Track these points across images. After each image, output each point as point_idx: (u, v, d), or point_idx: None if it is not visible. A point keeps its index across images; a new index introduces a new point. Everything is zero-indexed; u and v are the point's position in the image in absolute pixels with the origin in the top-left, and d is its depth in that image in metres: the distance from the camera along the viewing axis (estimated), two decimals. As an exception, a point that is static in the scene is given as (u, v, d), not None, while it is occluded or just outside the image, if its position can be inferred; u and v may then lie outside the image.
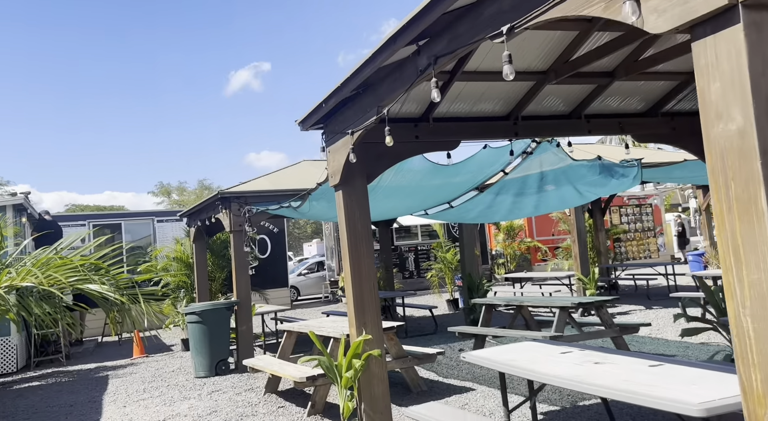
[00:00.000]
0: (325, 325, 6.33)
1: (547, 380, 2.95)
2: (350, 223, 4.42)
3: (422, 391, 6.03)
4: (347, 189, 4.43)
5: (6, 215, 10.60)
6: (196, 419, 5.87)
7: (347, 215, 4.41)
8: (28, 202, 11.59)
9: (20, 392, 8.14)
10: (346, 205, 4.42)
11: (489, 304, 7.60)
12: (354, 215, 4.43)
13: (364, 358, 4.18)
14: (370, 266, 4.43)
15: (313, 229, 50.30)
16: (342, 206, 4.43)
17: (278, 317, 10.50)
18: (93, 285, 4.01)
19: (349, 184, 4.42)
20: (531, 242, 19.56)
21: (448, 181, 5.68)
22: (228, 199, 8.50)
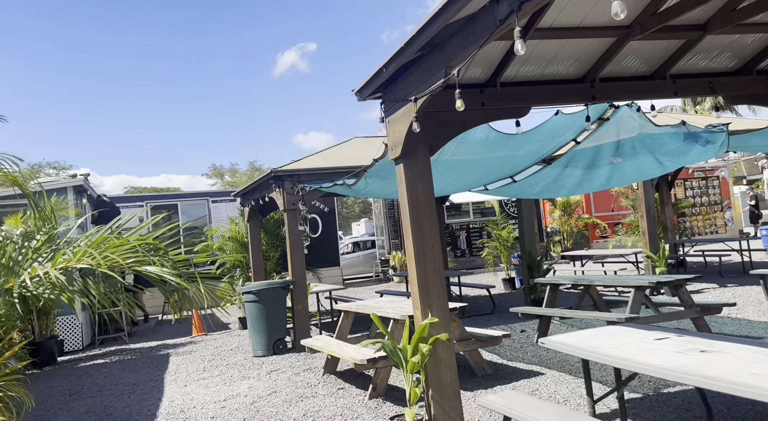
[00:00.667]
0: (383, 305, 6.11)
1: (649, 371, 2.59)
2: (413, 198, 4.12)
3: (487, 374, 5.75)
4: (409, 162, 4.13)
5: (67, 197, 10.87)
6: (256, 399, 5.80)
7: (409, 189, 4.11)
8: (88, 183, 11.87)
9: (85, 370, 8.36)
10: (408, 179, 4.12)
11: (554, 283, 7.18)
12: (416, 189, 4.13)
13: (431, 342, 3.91)
14: (435, 244, 4.13)
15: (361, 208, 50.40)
16: (404, 181, 4.13)
17: (333, 296, 10.41)
18: (151, 267, 3.88)
19: (411, 156, 4.12)
20: (589, 218, 18.76)
21: (513, 153, 5.28)
22: (281, 178, 8.36)
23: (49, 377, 8.10)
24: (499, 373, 5.83)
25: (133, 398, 6.34)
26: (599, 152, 5.47)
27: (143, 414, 5.63)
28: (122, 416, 5.66)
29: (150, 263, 3.83)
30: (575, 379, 5.35)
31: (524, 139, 4.87)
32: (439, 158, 5.09)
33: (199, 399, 6.03)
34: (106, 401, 6.29)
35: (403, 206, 4.20)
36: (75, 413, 5.90)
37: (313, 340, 6.50)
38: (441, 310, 4.05)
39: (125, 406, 6.03)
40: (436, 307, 4.04)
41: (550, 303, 7.21)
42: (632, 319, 5.67)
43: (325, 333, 9.38)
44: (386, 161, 5.84)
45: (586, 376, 3.49)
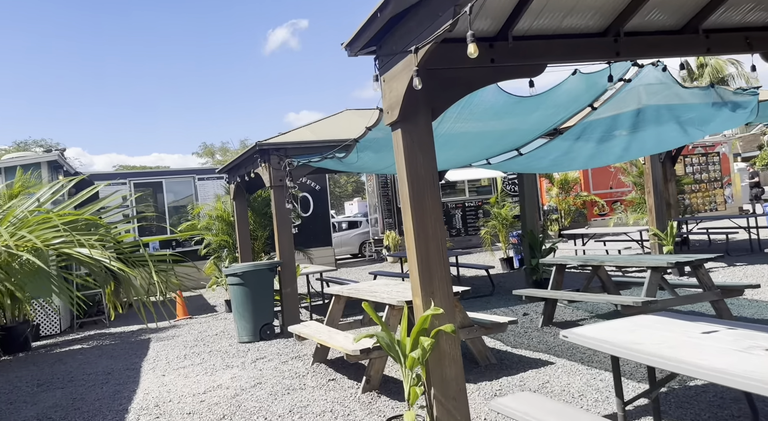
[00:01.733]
0: (377, 289, 5.59)
1: (714, 379, 2.09)
2: (412, 169, 3.57)
3: (491, 364, 5.27)
4: (408, 127, 3.56)
5: (41, 173, 10.23)
6: (238, 392, 5.30)
7: (408, 159, 3.56)
8: (63, 159, 11.20)
9: (60, 357, 7.84)
10: (406, 147, 3.56)
11: (561, 264, 6.69)
12: (416, 159, 3.57)
13: (434, 334, 3.40)
14: (437, 222, 3.59)
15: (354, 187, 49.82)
16: (402, 149, 3.57)
17: (324, 277, 9.89)
18: (83, 249, 3.28)
19: (411, 120, 3.55)
20: (587, 196, 18.30)
21: (521, 120, 4.72)
22: (267, 152, 7.76)
23: (19, 364, 7.58)
24: (503, 362, 5.36)
25: (105, 390, 5.83)
26: (617, 120, 4.91)
27: (114, 409, 5.13)
28: (91, 410, 5.15)
29: (84, 244, 3.23)
30: (588, 369, 4.88)
31: (537, 103, 4.31)
32: (437, 129, 4.54)
33: (176, 391, 5.53)
34: (76, 393, 5.78)
35: (401, 178, 3.65)
36: (40, 407, 5.38)
37: (301, 326, 6.00)
38: (445, 297, 3.53)
39: (96, 398, 5.52)
40: (439, 294, 3.52)
41: (557, 285, 6.73)
42: (649, 303, 5.20)
43: (316, 317, 8.89)
44: (380, 133, 5.28)
45: (615, 374, 2.99)
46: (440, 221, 3.61)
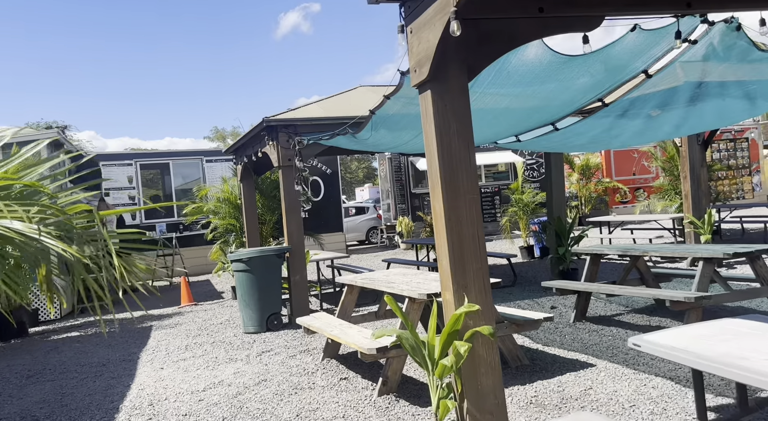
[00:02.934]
0: (395, 280, 5.04)
1: None
2: (443, 140, 2.98)
3: (522, 365, 4.71)
4: (440, 88, 2.97)
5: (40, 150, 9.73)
6: (241, 390, 4.80)
7: (439, 127, 2.97)
8: (65, 137, 10.72)
9: (56, 345, 7.40)
10: (437, 112, 2.97)
11: (596, 253, 6.09)
12: (449, 127, 2.98)
13: (469, 337, 2.83)
14: (473, 204, 3.01)
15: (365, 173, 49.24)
16: (431, 115, 2.99)
17: (335, 265, 9.36)
18: (17, 222, 2.72)
19: (443, 79, 2.96)
20: (609, 182, 17.56)
21: (564, 87, 4.11)
22: (275, 129, 7.19)
23: (12, 352, 7.15)
24: (536, 362, 4.79)
25: (98, 384, 5.36)
26: (676, 90, 4.27)
27: (103, 407, 4.65)
28: (79, 408, 4.67)
29: (6, 215, 2.63)
30: (635, 373, 4.31)
31: (585, 66, 3.69)
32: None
33: (174, 388, 5.04)
34: (66, 387, 5.32)
35: (429, 151, 3.07)
36: (26, 403, 4.92)
37: (310, 318, 5.47)
38: (481, 292, 2.96)
39: (86, 394, 5.05)
40: (474, 288, 2.95)
41: (591, 276, 6.14)
42: (702, 298, 4.59)
43: (327, 306, 8.38)
44: (397, 104, 4.68)
45: (698, 394, 2.42)
46: (477, 202, 3.03)
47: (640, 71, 4.04)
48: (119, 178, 15.27)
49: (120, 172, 15.24)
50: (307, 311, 7.29)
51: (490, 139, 6.44)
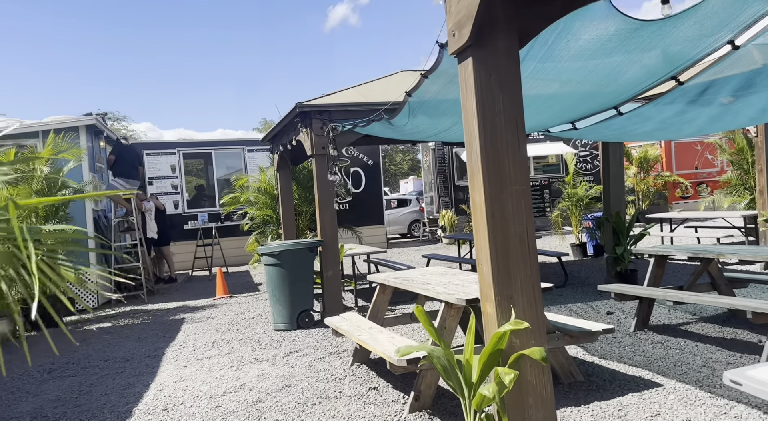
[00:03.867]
0: (431, 280, 4.53)
1: None
2: (485, 118, 2.46)
3: (576, 382, 4.12)
4: (482, 54, 2.44)
5: (78, 137, 9.70)
6: (262, 396, 4.42)
7: (481, 101, 2.44)
8: (104, 124, 10.65)
9: (86, 336, 7.27)
10: (479, 83, 2.44)
11: (662, 254, 5.39)
12: (494, 101, 2.45)
13: (514, 360, 2.31)
14: (523, 196, 2.48)
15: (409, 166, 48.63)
16: (471, 86, 2.46)
17: (372, 259, 8.91)
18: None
19: (487, 44, 2.42)
20: (669, 176, 16.41)
21: (634, 60, 3.48)
22: (308, 115, 6.78)
23: (42, 342, 7.05)
24: (592, 379, 4.20)
25: (117, 382, 5.10)
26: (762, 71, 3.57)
27: (116, 409, 4.35)
28: (92, 409, 4.40)
29: None
30: (712, 397, 3.66)
31: (662, 33, 3.06)
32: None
33: (192, 390, 4.71)
34: (85, 384, 5.08)
35: (468, 131, 2.54)
36: (41, 400, 4.70)
37: (339, 320, 5.03)
38: (531, 305, 2.43)
39: (103, 393, 4.78)
40: (522, 300, 2.42)
41: (655, 280, 5.46)
42: (795, 313, 3.88)
43: (362, 303, 7.96)
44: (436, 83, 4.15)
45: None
46: (526, 195, 2.49)
47: (725, 41, 3.36)
48: (163, 167, 15.30)
49: (164, 162, 15.27)
50: (340, 308, 6.88)
51: (541, 126, 5.81)
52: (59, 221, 8.23)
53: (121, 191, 10.32)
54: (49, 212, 8.13)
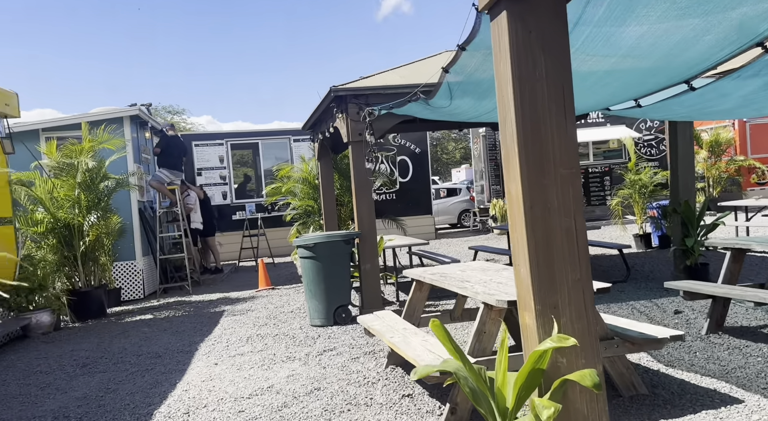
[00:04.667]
0: (471, 276, 4.08)
1: None
2: (522, 86, 1.99)
3: (638, 395, 3.58)
4: (519, 8, 1.97)
5: (123, 128, 9.74)
6: (289, 400, 4.11)
7: (517, 65, 1.98)
8: (148, 114, 10.68)
9: (126, 328, 7.23)
10: (514, 43, 1.98)
11: (739, 248, 4.71)
12: (533, 66, 1.98)
13: (558, 386, 1.85)
14: (570, 182, 2.00)
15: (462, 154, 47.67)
16: (505, 48, 2.00)
17: (414, 251, 8.49)
18: None
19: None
20: (744, 160, 15.08)
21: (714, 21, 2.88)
22: (344, 100, 6.41)
23: (83, 334, 7.06)
24: (658, 392, 3.64)
25: (146, 379, 4.94)
26: None
27: (137, 412, 4.15)
28: (114, 410, 4.22)
29: None
30: (808, 424, 3.05)
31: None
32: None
33: (219, 391, 4.47)
34: (113, 381, 4.94)
35: (502, 104, 2.08)
36: (68, 398, 4.57)
37: (372, 318, 4.66)
38: (580, 316, 1.96)
39: (129, 392, 4.62)
40: (569, 310, 1.95)
41: (731, 277, 4.79)
42: None
43: (403, 297, 7.57)
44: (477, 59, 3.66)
45: None
46: (575, 180, 2.01)
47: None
48: (211, 158, 15.39)
49: (212, 152, 15.36)
50: (379, 303, 6.52)
51: (598, 105, 5.19)
52: (102, 212, 8.26)
53: None
54: (92, 203, 8.15)
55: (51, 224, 7.91)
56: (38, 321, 6.96)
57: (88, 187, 8.15)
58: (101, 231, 8.34)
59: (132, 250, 9.65)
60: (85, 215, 8.02)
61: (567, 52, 2.03)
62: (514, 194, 2.05)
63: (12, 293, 6.83)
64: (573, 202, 2.00)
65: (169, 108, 40.42)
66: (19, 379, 5.21)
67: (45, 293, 7.15)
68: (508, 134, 2.05)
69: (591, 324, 1.99)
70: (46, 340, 6.82)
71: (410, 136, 15.53)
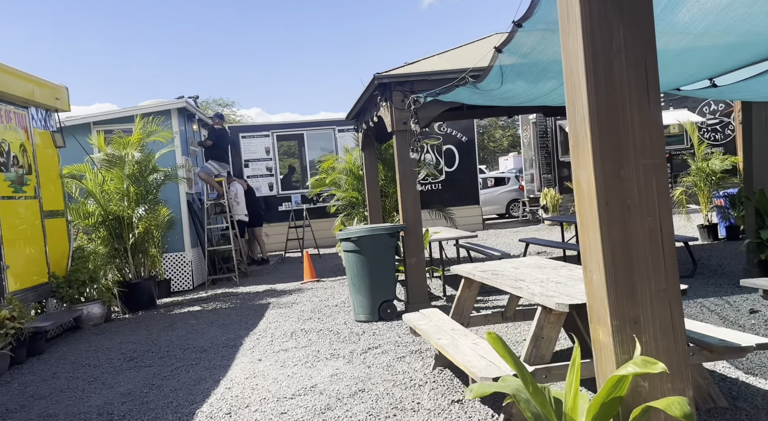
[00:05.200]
0: (526, 274, 3.77)
1: None
2: (596, 60, 1.68)
3: (716, 408, 3.21)
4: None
5: (170, 120, 9.80)
6: (332, 402, 3.94)
7: (590, 34, 1.68)
8: (195, 106, 10.73)
9: (173, 320, 7.27)
10: (587, 11, 1.67)
11: (831, 244, 4.20)
12: (609, 35, 1.68)
13: (638, 415, 1.56)
14: (655, 174, 1.69)
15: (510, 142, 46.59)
16: (576, 17, 1.69)
17: (461, 244, 8.19)
18: None
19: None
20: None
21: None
22: (387, 87, 6.15)
23: (133, 326, 7.13)
24: (739, 405, 3.26)
25: (190, 375, 4.88)
26: None
27: (180, 411, 4.07)
28: (156, 408, 4.15)
29: None
30: None
31: None
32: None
33: (262, 389, 4.35)
34: (158, 376, 4.91)
35: (571, 83, 1.78)
36: (112, 394, 4.56)
37: (418, 317, 4.42)
38: (667, 333, 1.66)
39: (172, 389, 4.56)
40: (653, 326, 1.66)
41: (820, 277, 4.27)
42: None
43: (451, 291, 7.30)
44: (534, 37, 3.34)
45: None
46: (661, 171, 1.69)
47: None
48: (258, 149, 15.46)
49: (258, 144, 15.42)
50: (425, 298, 6.28)
51: (667, 85, 4.74)
52: (150, 205, 8.33)
53: None
54: (140, 196, 8.23)
55: (102, 216, 8.04)
56: (89, 313, 7.08)
57: (136, 180, 8.23)
58: (150, 223, 8.43)
59: (181, 241, 9.75)
60: (134, 208, 8.11)
61: (650, 19, 1.71)
62: (585, 188, 1.75)
63: (64, 284, 6.96)
64: (657, 198, 1.69)
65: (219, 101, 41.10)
66: (68, 372, 5.26)
67: (96, 284, 7.26)
68: (579, 118, 1.76)
69: (679, 342, 1.69)
70: (96, 331, 6.93)
71: (456, 124, 15.13)
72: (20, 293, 6.21)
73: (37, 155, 6.96)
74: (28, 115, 6.87)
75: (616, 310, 1.69)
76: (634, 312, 1.69)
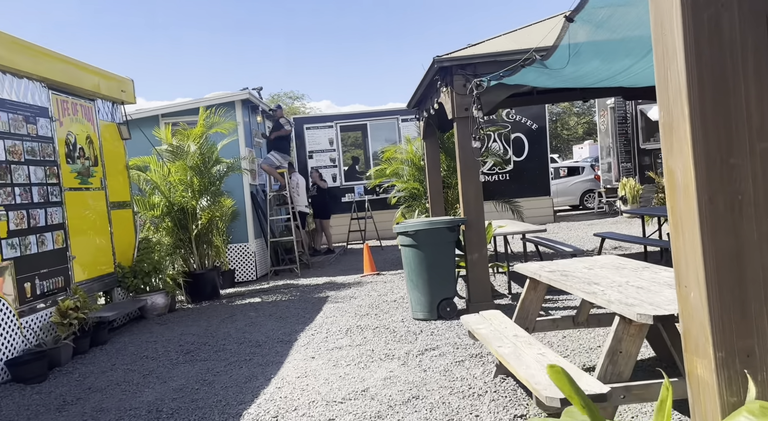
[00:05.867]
0: (601, 277, 3.33)
1: None
2: (696, 12, 1.28)
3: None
4: None
5: (234, 111, 9.86)
6: (383, 409, 3.69)
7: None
8: (259, 98, 10.76)
9: (233, 312, 7.27)
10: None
11: None
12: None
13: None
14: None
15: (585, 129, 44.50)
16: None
17: (528, 238, 7.68)
18: None
19: None
20: None
21: None
22: (448, 71, 5.77)
23: (194, 316, 7.20)
24: None
25: (243, 371, 4.78)
26: None
27: (227, 411, 3.94)
28: (204, 407, 4.05)
29: None
30: None
31: None
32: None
33: (312, 391, 4.16)
34: (211, 372, 4.84)
35: (661, 44, 1.38)
36: (165, 389, 4.52)
37: (478, 319, 4.06)
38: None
39: (223, 386, 4.46)
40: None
41: None
42: None
43: (517, 289, 6.86)
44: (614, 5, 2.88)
45: None
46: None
47: None
48: (321, 140, 15.44)
49: (322, 135, 15.39)
50: (488, 296, 5.90)
51: None
52: (213, 196, 8.39)
53: None
54: (204, 187, 8.30)
55: (166, 207, 8.17)
56: (153, 303, 7.20)
57: (200, 171, 8.31)
58: (214, 214, 8.50)
59: (245, 232, 9.82)
60: (197, 199, 8.19)
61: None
62: (680, 180, 1.36)
63: (130, 275, 7.11)
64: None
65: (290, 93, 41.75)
66: (126, 364, 5.31)
67: (160, 275, 7.37)
68: (672, 91, 1.36)
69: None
70: (159, 322, 7.04)
71: (526, 111, 14.43)
72: (86, 283, 6.37)
73: (103, 147, 7.12)
74: (95, 108, 7.03)
75: (722, 338, 1.29)
76: (746, 342, 1.29)
